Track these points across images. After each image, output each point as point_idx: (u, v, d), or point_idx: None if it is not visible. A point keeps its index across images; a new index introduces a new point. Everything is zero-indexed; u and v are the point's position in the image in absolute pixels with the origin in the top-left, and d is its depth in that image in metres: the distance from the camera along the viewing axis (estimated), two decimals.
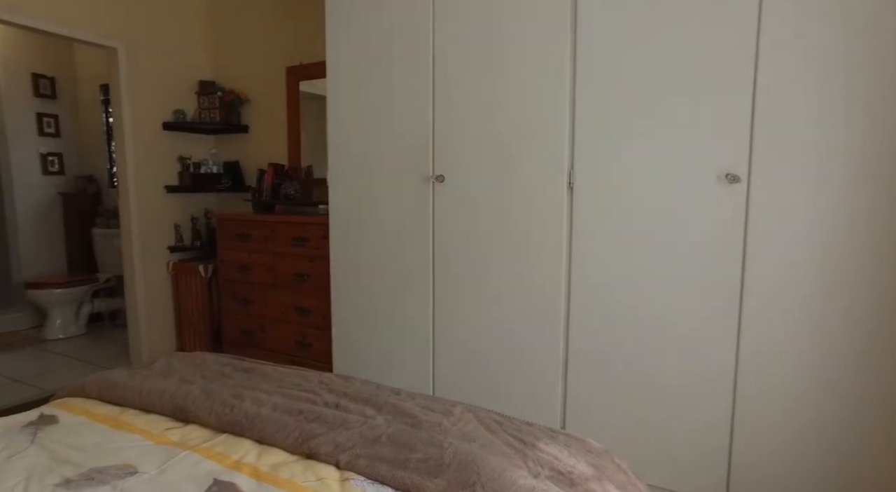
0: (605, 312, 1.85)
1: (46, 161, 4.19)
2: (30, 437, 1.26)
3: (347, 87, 2.35)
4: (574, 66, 1.84)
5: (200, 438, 1.25)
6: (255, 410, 1.25)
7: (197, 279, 3.27)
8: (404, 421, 1.20)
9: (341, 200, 2.42)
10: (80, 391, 1.49)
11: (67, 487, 1.06)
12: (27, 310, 4.12)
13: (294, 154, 3.28)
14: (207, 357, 1.65)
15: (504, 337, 2.05)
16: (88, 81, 4.33)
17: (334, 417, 1.21)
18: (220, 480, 1.06)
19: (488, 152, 2.02)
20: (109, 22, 3.05)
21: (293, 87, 3.27)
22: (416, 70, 2.15)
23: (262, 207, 3.14)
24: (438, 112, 2.12)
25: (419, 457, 1.05)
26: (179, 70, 3.42)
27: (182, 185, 3.43)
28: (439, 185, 2.15)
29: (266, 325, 2.93)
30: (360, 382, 1.47)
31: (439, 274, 2.19)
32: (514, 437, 1.14)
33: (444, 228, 2.16)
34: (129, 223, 3.24)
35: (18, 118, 4.02)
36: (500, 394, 2.06)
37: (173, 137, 3.42)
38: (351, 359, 2.46)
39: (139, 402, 1.39)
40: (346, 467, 1.08)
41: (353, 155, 2.36)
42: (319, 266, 2.66)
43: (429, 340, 2.23)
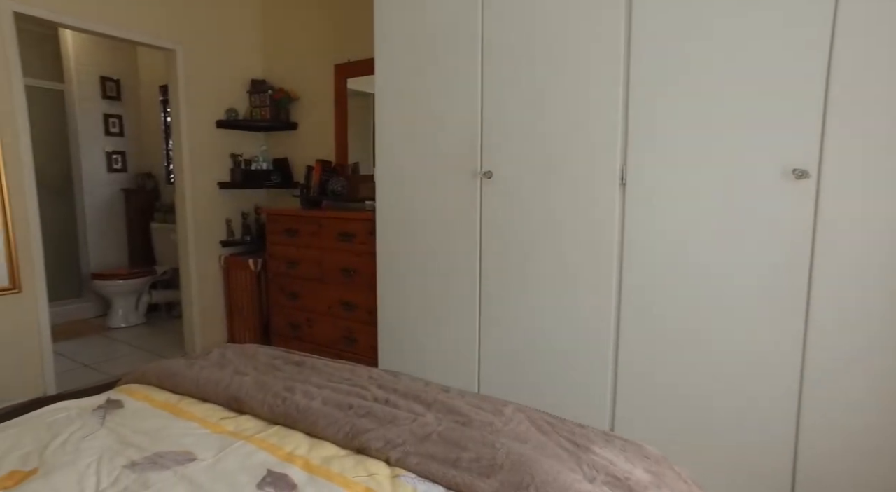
0: (658, 314, 1.78)
1: (111, 159, 4.40)
2: (100, 419, 1.32)
3: (395, 83, 2.35)
4: (628, 58, 1.77)
5: (254, 428, 1.27)
6: (306, 403, 1.27)
7: (247, 273, 3.37)
8: (455, 419, 1.18)
9: (388, 196, 2.43)
10: (142, 378, 1.55)
11: (133, 469, 1.10)
12: (94, 299, 4.35)
13: (341, 151, 3.32)
14: (259, 350, 1.69)
15: (552, 336, 2.01)
16: (149, 83, 4.52)
17: (384, 413, 1.21)
18: (274, 471, 1.08)
19: (537, 148, 1.98)
20: (169, 25, 3.16)
21: (341, 84, 3.31)
22: (465, 65, 2.12)
23: (309, 203, 3.19)
24: (487, 108, 2.09)
25: (471, 456, 1.03)
26: (232, 70, 3.52)
27: (233, 181, 3.53)
28: (487, 181, 2.13)
29: (313, 319, 2.98)
30: (409, 378, 1.46)
31: (486, 271, 2.16)
32: (567, 439, 1.11)
33: (491, 225, 2.13)
34: (184, 218, 3.36)
35: (88, 119, 4.24)
36: (546, 394, 2.02)
37: (226, 135, 3.52)
38: (395, 354, 2.47)
39: (196, 391, 1.43)
40: (396, 463, 1.08)
41: (401, 151, 2.36)
42: (365, 262, 2.68)
43: (474, 338, 2.21)
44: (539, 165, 1.98)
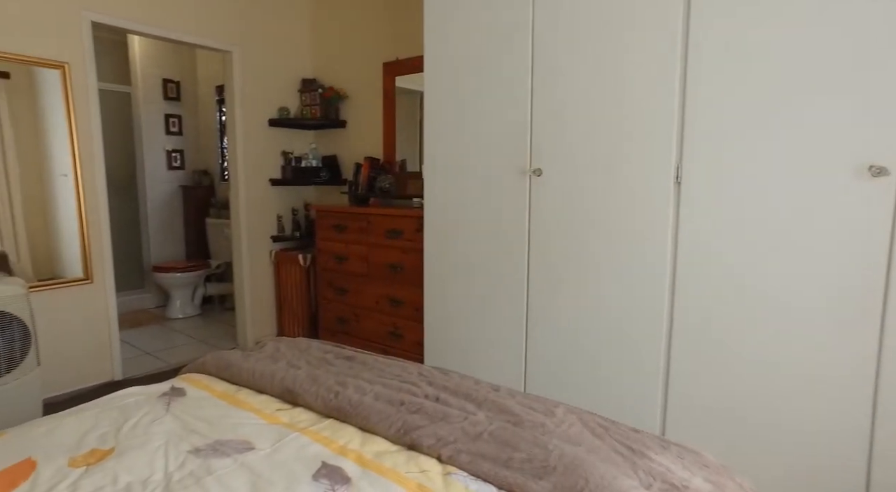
0: (713, 319, 1.71)
1: (171, 157, 4.61)
2: (165, 406, 1.39)
3: (445, 80, 2.35)
4: (686, 51, 1.70)
5: (308, 421, 1.31)
6: (358, 397, 1.29)
7: (296, 268, 3.46)
8: (506, 419, 1.18)
9: (436, 193, 2.44)
10: (202, 368, 1.62)
11: (197, 455, 1.15)
12: (154, 291, 4.58)
13: (389, 148, 3.36)
14: (311, 344, 1.73)
15: (601, 337, 1.97)
16: (206, 83, 4.71)
17: (435, 410, 1.22)
18: (328, 463, 1.10)
19: (589, 145, 1.94)
20: (226, 28, 3.28)
21: (389, 82, 3.34)
22: (515, 62, 2.10)
23: (357, 200, 3.25)
24: (537, 104, 2.07)
25: (522, 457, 1.02)
26: (284, 70, 3.62)
27: (284, 178, 3.63)
28: (536, 178, 2.10)
29: (360, 314, 3.03)
30: (459, 376, 1.47)
31: (534, 269, 2.14)
32: (621, 443, 1.08)
33: (540, 223, 2.11)
34: (238, 214, 3.49)
35: (151, 119, 4.46)
36: (594, 398, 1.98)
37: (277, 133, 3.62)
38: (441, 351, 2.48)
39: (252, 382, 1.48)
40: (447, 461, 1.08)
41: (449, 148, 2.37)
42: (413, 258, 2.71)
43: (521, 337, 2.20)
44: (590, 162, 1.94)
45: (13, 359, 2.31)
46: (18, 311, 2.31)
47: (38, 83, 2.64)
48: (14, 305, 2.30)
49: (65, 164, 2.74)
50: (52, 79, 2.65)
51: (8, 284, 2.32)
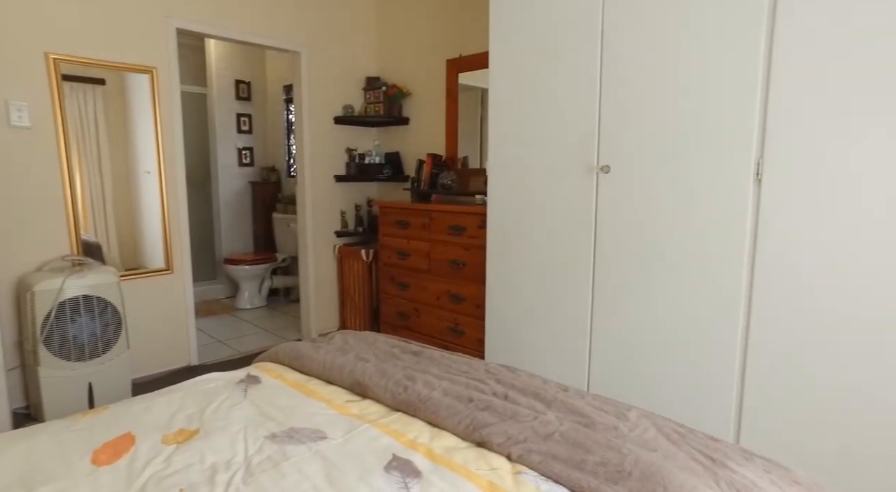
0: (797, 324, 1.61)
1: (241, 154, 4.83)
2: (242, 392, 1.46)
3: (510, 76, 2.33)
4: (771, 38, 1.60)
5: (377, 413, 1.34)
6: (426, 392, 1.30)
7: (359, 262, 3.54)
8: (577, 420, 1.16)
9: (500, 189, 2.42)
10: (275, 358, 1.69)
11: (273, 440, 1.20)
12: (225, 282, 4.82)
13: (451, 145, 3.37)
14: (378, 337, 1.77)
15: (670, 339, 1.90)
16: (274, 83, 4.90)
17: (504, 408, 1.21)
18: (399, 456, 1.12)
19: (661, 140, 1.87)
20: (295, 30, 3.39)
21: (452, 79, 3.35)
22: (583, 56, 2.05)
23: (420, 196, 3.28)
24: (606, 99, 2.01)
25: (596, 460, 1.00)
26: (349, 68, 3.70)
27: (348, 174, 3.72)
28: (604, 175, 2.05)
29: (420, 309, 3.07)
30: (527, 374, 1.46)
31: (600, 268, 2.09)
32: (700, 452, 1.04)
33: (607, 221, 2.05)
34: (304, 209, 3.60)
35: (224, 118, 4.69)
36: (661, 398, 1.92)
37: (342, 130, 3.71)
38: (503, 349, 2.47)
39: (322, 373, 1.53)
40: (517, 460, 1.08)
41: (514, 145, 2.35)
42: (475, 255, 2.71)
43: (585, 339, 2.15)
44: (661, 158, 1.87)
45: (108, 341, 2.50)
46: (112, 297, 2.50)
47: (128, 88, 2.83)
48: (109, 291, 2.49)
49: (149, 162, 2.92)
50: (140, 83, 2.84)
51: (103, 272, 2.51)
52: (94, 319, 2.45)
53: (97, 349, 2.47)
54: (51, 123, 2.54)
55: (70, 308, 2.38)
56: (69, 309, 2.38)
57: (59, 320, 2.36)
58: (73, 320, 2.39)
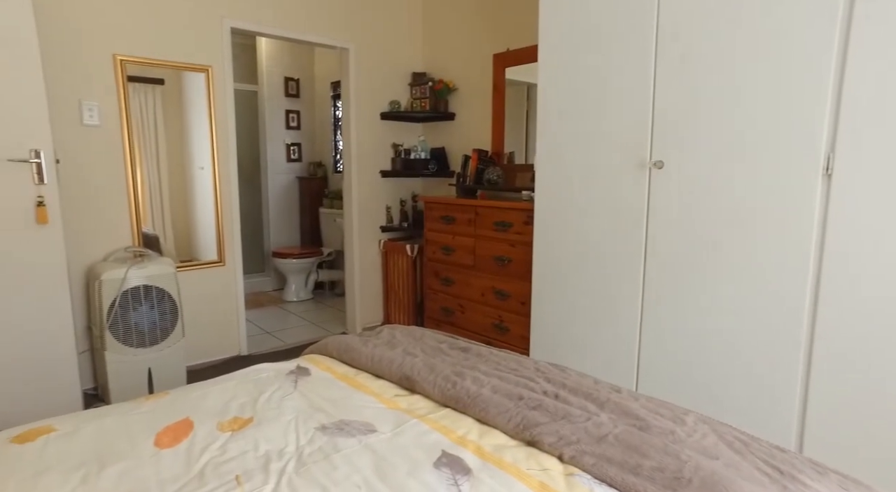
0: (867, 330, 1.51)
1: (289, 150, 4.95)
2: (293, 383, 1.49)
3: (559, 69, 2.29)
4: (849, 25, 1.50)
5: (425, 409, 1.34)
6: (475, 389, 1.29)
7: (404, 258, 3.56)
8: (631, 423, 1.12)
9: (548, 185, 2.38)
10: (324, 350, 1.72)
11: (324, 432, 1.22)
12: (273, 274, 4.96)
13: (497, 140, 3.34)
14: (426, 332, 1.77)
15: (727, 342, 1.82)
16: (322, 80, 4.98)
17: (556, 407, 1.19)
18: (448, 452, 1.12)
19: (717, 134, 1.79)
20: (344, 27, 3.43)
21: (499, 73, 3.31)
22: (638, 47, 1.99)
23: (465, 192, 3.27)
24: (660, 92, 1.94)
25: (653, 465, 0.97)
26: (396, 64, 3.72)
27: (394, 170, 3.75)
28: (657, 171, 1.98)
29: (465, 305, 3.06)
30: (577, 374, 1.43)
31: (651, 269, 2.03)
32: (766, 462, 0.99)
33: (660, 219, 1.98)
34: (350, 204, 3.65)
35: (273, 115, 4.82)
36: (716, 403, 1.84)
37: (388, 126, 3.74)
38: (548, 346, 2.43)
39: (371, 367, 1.54)
40: (570, 461, 1.05)
41: (562, 140, 2.30)
42: (520, 251, 2.68)
43: (635, 337, 2.10)
44: (719, 153, 1.79)
45: (165, 329, 2.61)
46: (169, 287, 2.61)
47: (184, 87, 2.93)
48: (166, 282, 2.59)
49: (203, 158, 3.02)
50: (195, 82, 2.94)
51: (162, 263, 2.62)
52: (153, 307, 2.57)
53: (156, 337, 2.59)
54: (117, 121, 2.67)
55: (132, 297, 2.50)
56: (131, 298, 2.50)
57: (123, 308, 2.48)
58: (134, 309, 2.51)
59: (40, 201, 2.22)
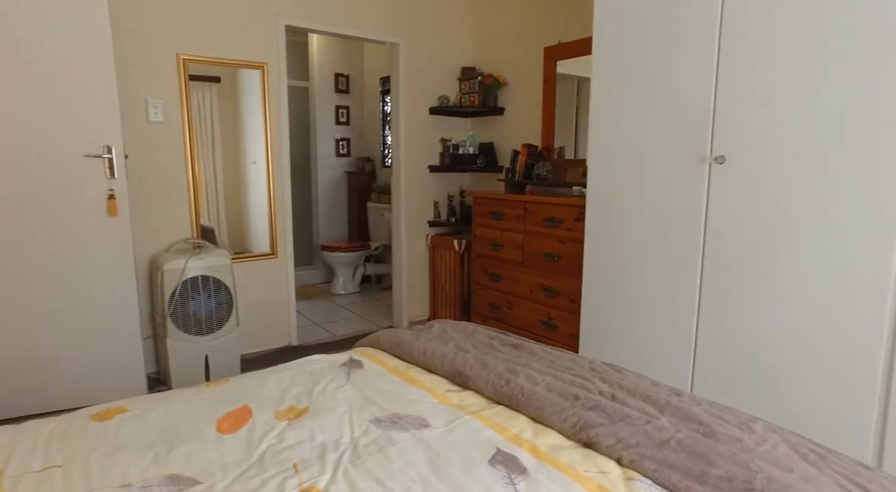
0: None
1: (338, 145, 5.04)
2: (346, 375, 1.51)
3: (614, 60, 2.22)
4: None
5: (478, 405, 1.33)
6: (530, 387, 1.27)
7: (451, 253, 3.56)
8: (694, 428, 1.08)
9: (600, 181, 2.32)
10: (376, 343, 1.73)
11: (378, 425, 1.23)
12: (321, 267, 5.07)
13: (547, 135, 3.29)
14: (477, 328, 1.76)
15: (792, 353, 1.72)
16: (371, 75, 5.04)
17: (613, 409, 1.16)
18: (503, 451, 1.10)
19: (787, 128, 1.69)
20: (394, 22, 3.45)
21: (550, 67, 3.25)
22: (699, 37, 1.90)
23: (514, 187, 3.23)
24: (723, 82, 1.85)
25: (720, 474, 0.92)
26: (445, 58, 3.71)
27: (442, 164, 3.75)
28: (718, 167, 1.90)
29: (513, 301, 3.04)
30: (634, 374, 1.38)
31: (710, 268, 1.94)
32: (848, 479, 0.92)
33: (720, 217, 1.90)
34: (399, 199, 3.68)
35: (323, 111, 4.91)
36: (781, 409, 1.75)
37: (437, 121, 3.74)
38: (598, 345, 2.38)
39: (423, 361, 1.55)
40: (629, 465, 1.02)
41: (616, 134, 2.23)
42: (571, 248, 2.63)
43: (690, 340, 2.02)
44: (788, 148, 1.69)
45: (221, 318, 2.71)
46: (225, 278, 2.70)
47: (239, 85, 3.02)
48: (223, 273, 2.69)
49: (255, 153, 3.11)
50: (250, 80, 3.02)
51: (218, 255, 2.72)
52: (210, 297, 2.66)
53: (212, 325, 2.69)
54: (179, 118, 2.78)
55: (191, 287, 2.60)
56: (190, 287, 2.60)
57: (182, 297, 2.58)
58: (193, 298, 2.61)
59: (111, 194, 2.34)
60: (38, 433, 1.16)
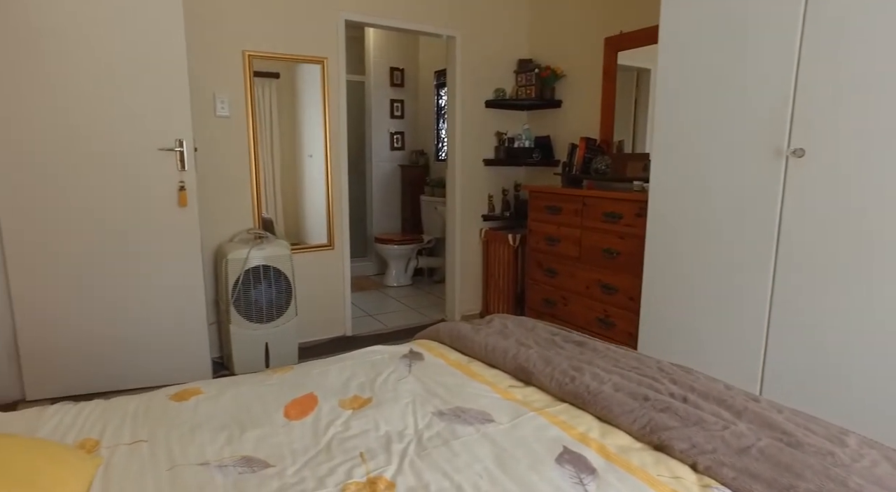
0: None
1: (393, 138, 5.08)
2: (407, 367, 1.52)
3: (682, 48, 2.12)
4: None
5: (542, 402, 1.30)
6: (596, 386, 1.24)
7: (505, 247, 3.53)
8: (777, 437, 1.02)
9: (665, 175, 2.24)
10: (436, 336, 1.74)
11: (441, 417, 1.23)
12: (375, 259, 5.14)
13: (606, 128, 3.19)
14: (537, 324, 1.74)
15: (879, 353, 1.60)
16: (426, 69, 5.05)
17: (686, 412, 1.11)
18: (570, 449, 1.08)
19: (881, 118, 1.56)
20: (451, 15, 3.43)
21: (610, 58, 3.16)
22: (779, 22, 1.79)
23: (570, 181, 3.17)
24: (804, 73, 1.74)
25: (811, 488, 0.87)
26: (502, 51, 3.67)
27: (497, 158, 3.71)
28: (795, 160, 1.78)
29: (568, 297, 2.98)
30: (705, 377, 1.32)
31: (784, 267, 1.84)
32: None
33: (797, 211, 1.79)
34: (453, 192, 3.68)
35: (378, 104, 4.96)
36: (860, 419, 1.63)
37: (493, 114, 3.70)
38: (658, 345, 2.30)
39: (483, 355, 1.54)
40: (705, 471, 0.98)
41: (683, 126, 2.14)
42: (630, 244, 2.55)
43: (760, 342, 1.92)
44: (875, 141, 1.57)
45: (281, 307, 2.79)
46: (285, 268, 2.78)
47: (297, 80, 3.09)
48: (282, 263, 2.77)
49: (312, 146, 3.17)
50: (307, 75, 3.08)
51: (278, 245, 2.80)
52: (270, 286, 2.75)
53: (272, 314, 2.77)
54: (243, 112, 2.87)
55: (253, 276, 2.69)
56: (252, 276, 2.69)
57: (245, 286, 2.68)
58: (254, 286, 2.70)
59: (182, 186, 2.44)
60: (126, 409, 1.24)
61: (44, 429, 1.15)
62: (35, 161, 2.22)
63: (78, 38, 2.21)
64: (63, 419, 1.19)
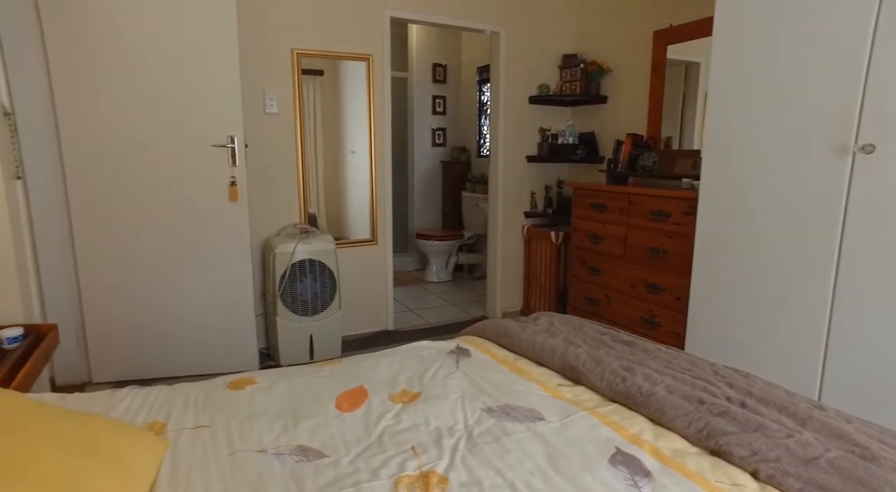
0: None
1: (434, 135, 5.10)
2: (454, 362, 1.53)
3: (737, 41, 2.05)
4: None
5: (592, 401, 1.29)
6: (648, 387, 1.22)
7: (547, 244, 3.50)
8: (848, 449, 0.97)
9: (716, 173, 2.17)
10: (482, 333, 1.74)
11: (490, 414, 1.23)
12: (415, 255, 5.18)
13: (653, 124, 3.12)
14: (584, 322, 1.71)
15: None
16: (468, 65, 5.04)
17: (745, 417, 1.08)
18: (623, 451, 1.06)
19: None
20: (495, 10, 3.41)
21: (659, 52, 3.07)
22: (849, 5, 1.70)
23: (615, 179, 3.11)
24: (878, 63, 1.64)
25: None
26: (546, 46, 3.62)
27: (540, 155, 3.67)
28: (863, 157, 1.70)
29: (612, 296, 2.93)
30: (763, 382, 1.28)
31: (848, 271, 1.75)
32: None
33: (863, 216, 1.70)
34: (496, 189, 3.66)
35: (421, 100, 4.98)
36: None
37: (536, 110, 3.67)
38: (707, 347, 2.23)
39: (531, 353, 1.53)
40: (767, 480, 0.95)
41: (738, 122, 2.07)
42: (678, 243, 2.48)
43: (820, 346, 1.84)
44: None
45: (325, 301, 2.85)
46: (329, 262, 2.83)
47: (340, 76, 3.13)
48: (327, 257, 2.82)
49: (354, 143, 3.22)
50: (350, 72, 3.12)
51: (323, 240, 2.85)
52: (315, 280, 2.81)
53: (317, 307, 2.83)
54: (291, 109, 2.94)
55: (299, 269, 2.76)
56: (298, 270, 2.75)
57: (291, 279, 2.74)
58: (300, 280, 2.77)
59: (233, 181, 2.52)
60: (188, 395, 1.29)
61: (116, 410, 1.21)
62: (105, 159, 2.35)
63: (140, 42, 2.31)
64: (133, 402, 1.25)
